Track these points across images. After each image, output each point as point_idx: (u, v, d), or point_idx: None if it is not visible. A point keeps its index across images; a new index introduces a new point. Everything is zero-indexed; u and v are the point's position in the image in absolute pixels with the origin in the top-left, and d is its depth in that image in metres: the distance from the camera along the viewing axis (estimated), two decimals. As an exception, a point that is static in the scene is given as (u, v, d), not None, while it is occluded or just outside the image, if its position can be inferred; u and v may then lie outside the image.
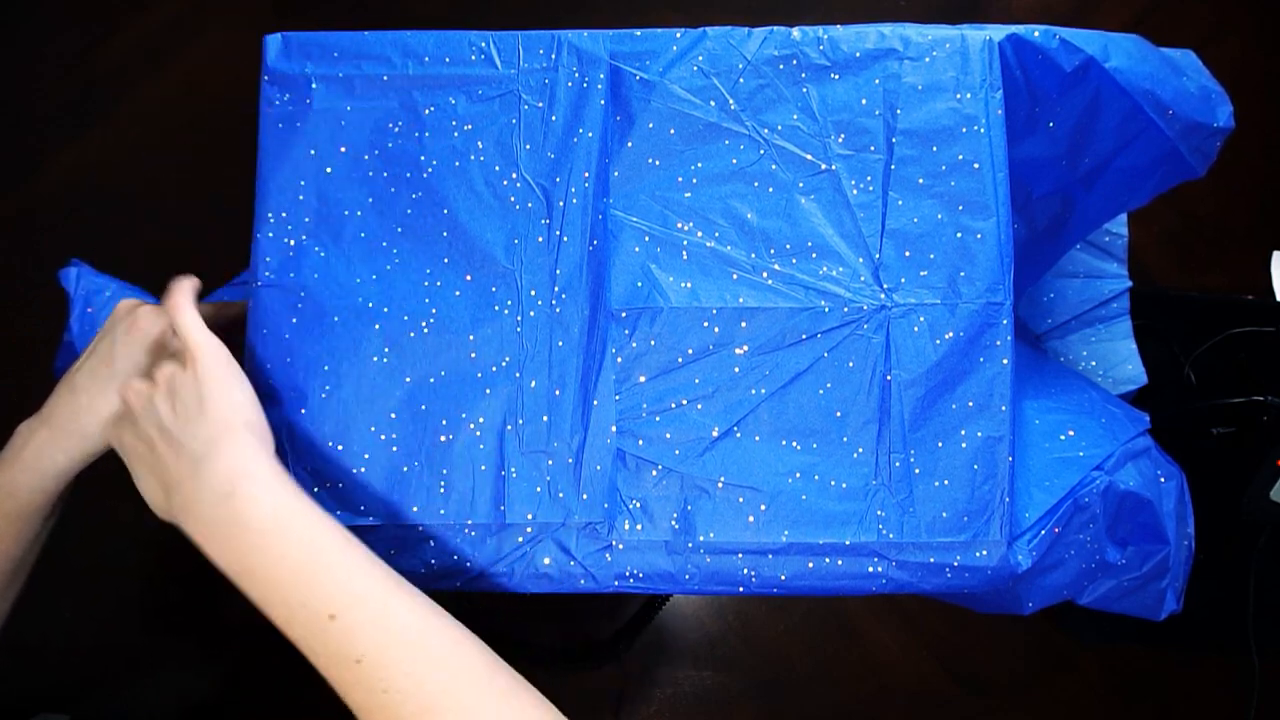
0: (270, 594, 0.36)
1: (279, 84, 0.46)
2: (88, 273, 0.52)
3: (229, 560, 0.36)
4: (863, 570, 0.44)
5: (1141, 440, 0.50)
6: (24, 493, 0.44)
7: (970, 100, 0.45)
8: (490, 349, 0.45)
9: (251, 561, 0.36)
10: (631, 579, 0.45)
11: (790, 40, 0.45)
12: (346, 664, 0.34)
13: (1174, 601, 0.50)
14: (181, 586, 0.87)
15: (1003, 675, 0.80)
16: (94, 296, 0.51)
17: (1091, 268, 0.74)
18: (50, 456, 0.44)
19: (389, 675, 0.34)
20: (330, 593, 0.35)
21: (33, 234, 0.86)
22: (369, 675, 0.34)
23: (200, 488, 0.37)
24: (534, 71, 0.45)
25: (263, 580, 0.36)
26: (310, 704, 0.92)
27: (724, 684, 0.77)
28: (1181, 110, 0.48)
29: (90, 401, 0.44)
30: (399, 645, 0.35)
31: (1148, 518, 0.48)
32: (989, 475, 0.44)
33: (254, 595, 0.36)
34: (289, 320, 0.45)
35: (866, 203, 0.45)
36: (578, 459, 0.44)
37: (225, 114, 0.76)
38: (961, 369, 0.44)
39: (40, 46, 0.86)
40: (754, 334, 0.44)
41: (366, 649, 0.34)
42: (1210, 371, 0.78)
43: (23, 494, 0.44)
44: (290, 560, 0.36)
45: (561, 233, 0.45)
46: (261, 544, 0.36)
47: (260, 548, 0.36)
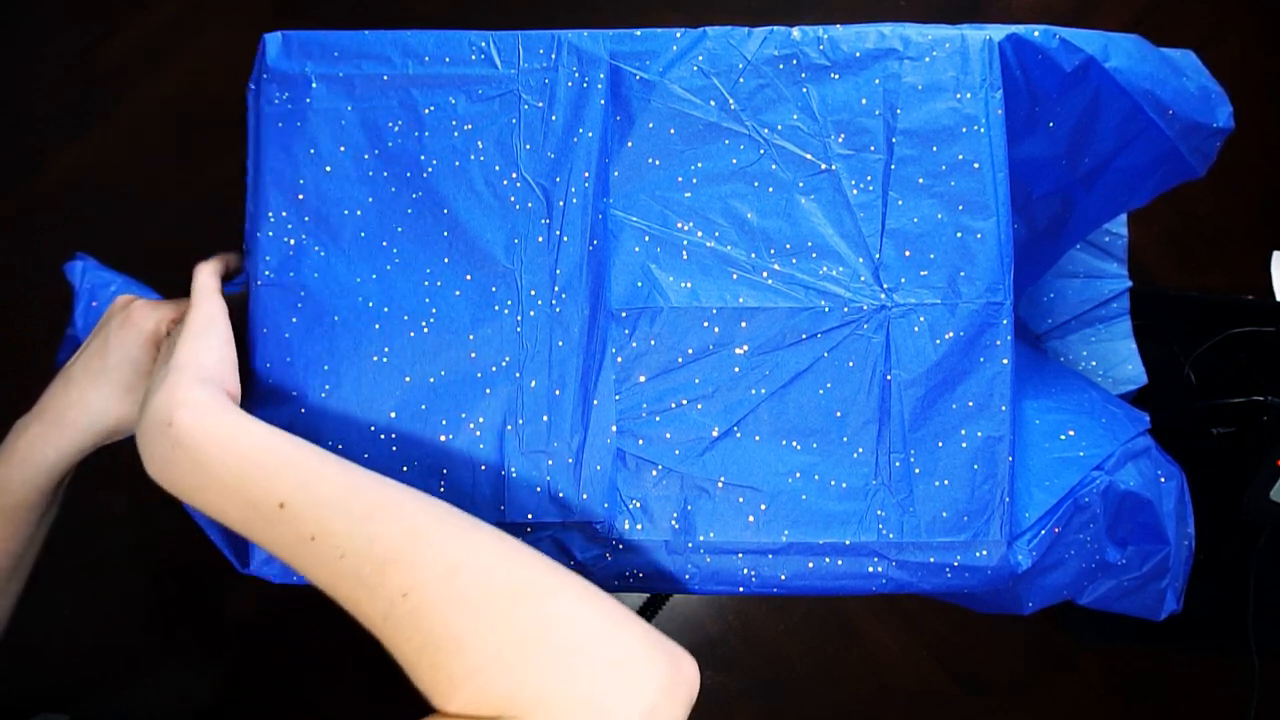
0: (226, 503, 0.36)
1: (279, 83, 0.46)
2: (93, 267, 0.52)
3: (180, 484, 0.37)
4: (863, 570, 0.44)
5: (1141, 440, 0.50)
6: (16, 487, 0.44)
7: (970, 100, 0.45)
8: (490, 349, 0.45)
9: (198, 479, 0.36)
10: (631, 579, 0.45)
11: (790, 40, 0.45)
12: (302, 544, 0.34)
13: (1174, 601, 0.50)
14: (181, 586, 0.87)
15: (1003, 675, 0.80)
16: (99, 291, 0.51)
17: (1091, 268, 0.74)
18: (41, 451, 0.44)
19: (341, 539, 0.34)
20: (276, 483, 0.36)
21: (33, 234, 0.86)
22: (323, 547, 0.34)
23: (146, 422, 0.38)
24: (534, 71, 0.45)
25: (214, 494, 0.36)
26: (310, 703, 0.92)
27: (724, 684, 0.77)
28: (1181, 110, 0.48)
29: (82, 395, 0.44)
30: (344, 511, 0.35)
31: (1148, 518, 0.48)
32: (989, 475, 0.44)
33: (214, 511, 0.37)
34: (289, 320, 0.45)
35: (866, 202, 0.45)
36: (578, 459, 0.44)
37: (225, 114, 0.76)
38: (961, 369, 0.44)
39: (40, 46, 0.87)
40: (754, 334, 0.44)
41: (316, 523, 0.34)
42: (1210, 371, 0.78)
43: (15, 489, 0.44)
44: (232, 469, 0.36)
45: (561, 233, 0.45)
46: (204, 461, 0.36)
47: (203, 464, 0.36)
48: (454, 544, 0.34)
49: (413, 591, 0.32)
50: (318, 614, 0.81)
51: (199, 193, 0.85)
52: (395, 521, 0.35)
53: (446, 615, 0.32)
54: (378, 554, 0.33)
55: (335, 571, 0.34)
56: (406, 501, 0.36)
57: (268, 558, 0.45)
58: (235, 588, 0.61)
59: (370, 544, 0.34)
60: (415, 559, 0.33)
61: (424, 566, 0.33)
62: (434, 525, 0.35)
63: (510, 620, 0.31)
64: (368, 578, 0.33)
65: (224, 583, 0.78)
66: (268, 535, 0.36)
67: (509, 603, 0.32)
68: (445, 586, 0.32)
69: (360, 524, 0.34)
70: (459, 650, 0.31)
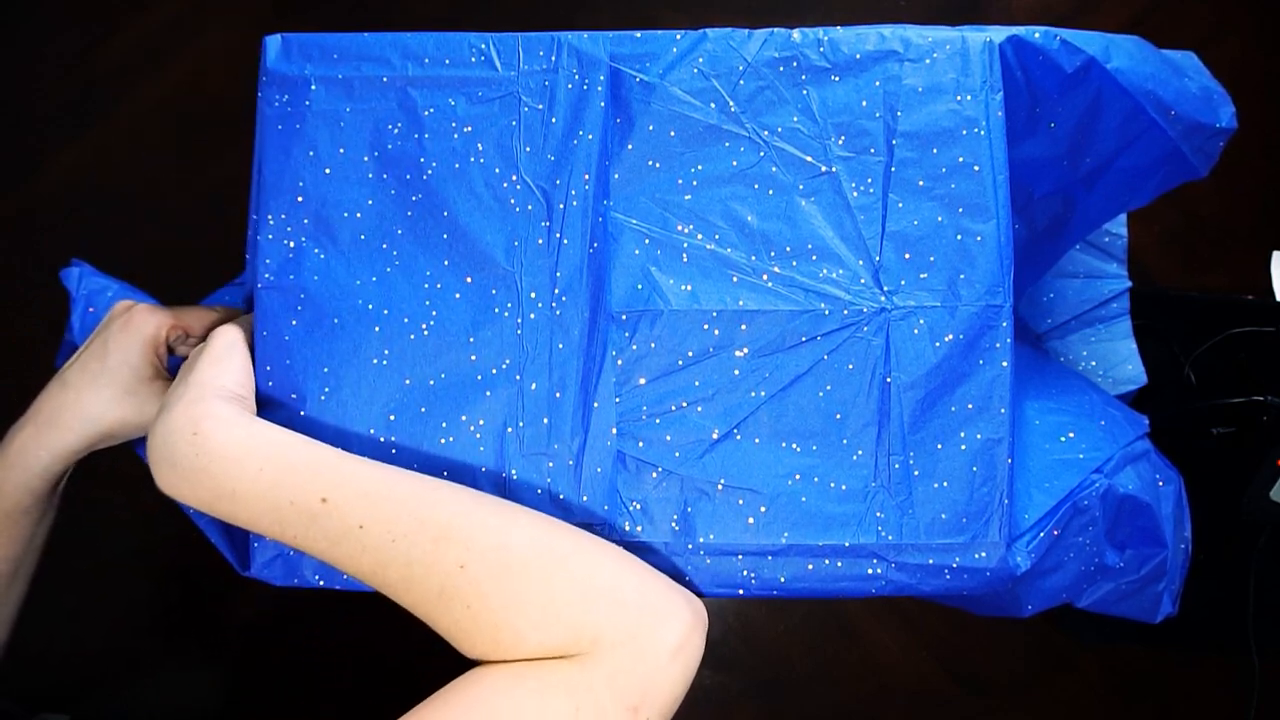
0: (258, 507, 0.37)
1: (278, 85, 0.45)
2: (90, 272, 0.52)
3: (209, 491, 0.38)
4: (862, 572, 0.44)
5: (1141, 444, 0.50)
6: (10, 490, 0.44)
7: (970, 102, 0.45)
8: (490, 351, 0.45)
9: (230, 485, 0.37)
10: (631, 581, 0.45)
11: (790, 42, 0.45)
12: (349, 535, 0.36)
13: (1170, 605, 0.50)
14: (182, 588, 0.87)
15: (1003, 675, 0.80)
16: (96, 297, 0.51)
17: (1091, 268, 0.74)
18: (34, 453, 0.44)
19: (392, 523, 0.36)
20: (315, 481, 0.37)
21: (33, 234, 0.86)
22: (374, 533, 0.36)
23: (165, 432, 0.39)
24: (534, 73, 0.45)
25: (247, 497, 0.37)
26: (310, 704, 0.92)
27: (724, 684, 0.78)
28: (1184, 110, 0.48)
29: (78, 397, 0.44)
30: (392, 498, 0.37)
31: (1146, 521, 0.48)
32: (988, 477, 0.44)
33: (243, 517, 0.38)
34: (288, 322, 0.45)
35: (866, 205, 0.45)
36: (578, 461, 0.44)
37: (225, 114, 0.76)
38: (961, 371, 0.44)
39: (40, 46, 0.86)
40: (754, 336, 0.44)
41: (364, 511, 0.37)
42: (1210, 371, 0.78)
43: (9, 492, 0.44)
44: (268, 470, 0.38)
45: (562, 235, 0.45)
46: (236, 465, 0.38)
47: (236, 468, 0.37)
48: (497, 518, 0.38)
49: (469, 563, 0.36)
50: (318, 615, 0.81)
51: (199, 193, 0.85)
52: (439, 504, 0.38)
53: (504, 581, 0.35)
54: (432, 532, 0.36)
55: (386, 556, 0.36)
56: (442, 486, 0.39)
57: (268, 560, 0.45)
58: (236, 590, 0.61)
59: (421, 525, 0.36)
60: (467, 534, 0.36)
61: (476, 540, 0.36)
62: (474, 504, 0.38)
63: (565, 579, 0.36)
64: (421, 556, 0.36)
65: (224, 585, 0.78)
66: (308, 531, 0.37)
67: (558, 564, 0.36)
68: (499, 555, 0.36)
69: (408, 509, 0.37)
70: (521, 609, 0.35)
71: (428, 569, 0.36)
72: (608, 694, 0.34)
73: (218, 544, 0.48)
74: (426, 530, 0.36)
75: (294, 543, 0.37)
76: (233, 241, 0.51)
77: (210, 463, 0.38)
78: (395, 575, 0.36)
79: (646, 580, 0.37)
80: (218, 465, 0.38)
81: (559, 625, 0.35)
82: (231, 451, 0.38)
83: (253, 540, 0.45)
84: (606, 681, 0.34)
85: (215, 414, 0.39)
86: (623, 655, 0.34)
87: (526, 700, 0.33)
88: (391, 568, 0.36)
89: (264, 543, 0.45)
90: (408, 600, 0.37)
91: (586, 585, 0.36)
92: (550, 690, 0.33)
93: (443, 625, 0.36)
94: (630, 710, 0.34)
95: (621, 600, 0.36)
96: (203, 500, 0.38)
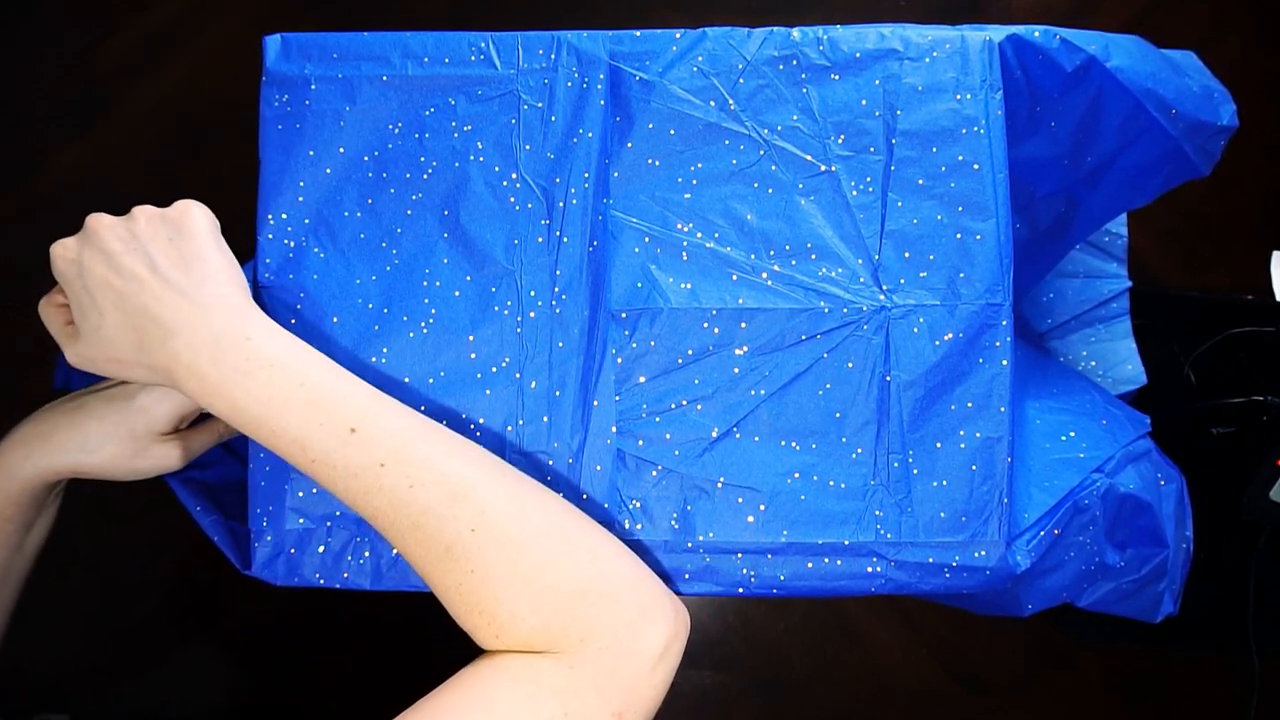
0: (288, 422, 0.37)
1: (278, 85, 0.46)
2: None
3: (244, 398, 0.37)
4: (861, 570, 0.44)
5: (1142, 443, 0.50)
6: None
7: (970, 101, 0.45)
8: (490, 350, 0.45)
9: (269, 393, 0.37)
10: (631, 579, 0.45)
11: (790, 41, 0.45)
12: (369, 470, 0.36)
13: (1171, 604, 0.50)
14: (182, 587, 0.87)
15: (1003, 675, 0.80)
16: None
17: (1091, 268, 0.74)
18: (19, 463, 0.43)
19: (414, 470, 0.36)
20: (348, 409, 0.37)
21: (33, 234, 0.86)
22: (393, 473, 0.36)
23: (216, 335, 0.37)
24: (533, 72, 0.45)
25: (279, 410, 0.37)
26: (310, 703, 0.92)
27: (724, 684, 0.78)
28: (1185, 109, 0.48)
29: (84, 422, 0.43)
30: (418, 443, 0.37)
31: (1147, 521, 0.48)
32: (987, 476, 0.44)
33: (267, 429, 0.37)
34: (288, 321, 0.45)
35: (866, 204, 0.45)
36: (578, 459, 0.44)
37: (225, 114, 0.76)
38: (961, 370, 0.44)
39: (40, 46, 0.87)
40: (753, 335, 0.44)
41: (390, 450, 0.37)
42: (1210, 371, 0.78)
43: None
44: (307, 387, 0.37)
45: (561, 233, 0.45)
46: (282, 374, 0.37)
47: (280, 377, 0.37)
48: (519, 490, 0.38)
49: (481, 529, 0.36)
50: (318, 614, 0.81)
51: (199, 193, 0.84)
52: (466, 461, 0.38)
53: (512, 556, 0.36)
54: (451, 488, 0.36)
55: (400, 499, 0.36)
56: (471, 447, 0.39)
57: (269, 559, 0.45)
58: (236, 588, 0.61)
59: (444, 479, 0.36)
60: (485, 498, 0.36)
61: (493, 506, 0.36)
62: (498, 472, 0.38)
63: (569, 566, 0.36)
64: (435, 508, 0.36)
65: (225, 583, 0.77)
66: (329, 457, 0.37)
67: (567, 550, 0.37)
68: (512, 527, 0.36)
69: (433, 458, 0.37)
70: (522, 587, 0.35)
71: (439, 523, 0.36)
72: (596, 698, 0.34)
73: (219, 543, 0.48)
74: (446, 484, 0.36)
75: (310, 467, 0.37)
76: (233, 241, 0.51)
77: (257, 368, 0.37)
78: (405, 522, 0.36)
79: (642, 580, 0.38)
80: (263, 373, 0.37)
81: (555, 614, 0.35)
82: (280, 360, 0.37)
83: (254, 540, 0.45)
84: (594, 686, 0.34)
85: (262, 321, 0.39)
86: (610, 659, 0.35)
87: (521, 705, 0.34)
88: (403, 513, 0.36)
89: (265, 542, 0.45)
90: (412, 552, 0.37)
91: (588, 577, 0.36)
92: (542, 694, 0.34)
93: (441, 585, 0.36)
94: (615, 716, 0.34)
95: (616, 598, 0.36)
96: (234, 405, 0.37)
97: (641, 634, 0.36)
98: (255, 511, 0.45)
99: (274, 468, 0.45)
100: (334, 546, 0.45)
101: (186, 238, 0.39)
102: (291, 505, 0.45)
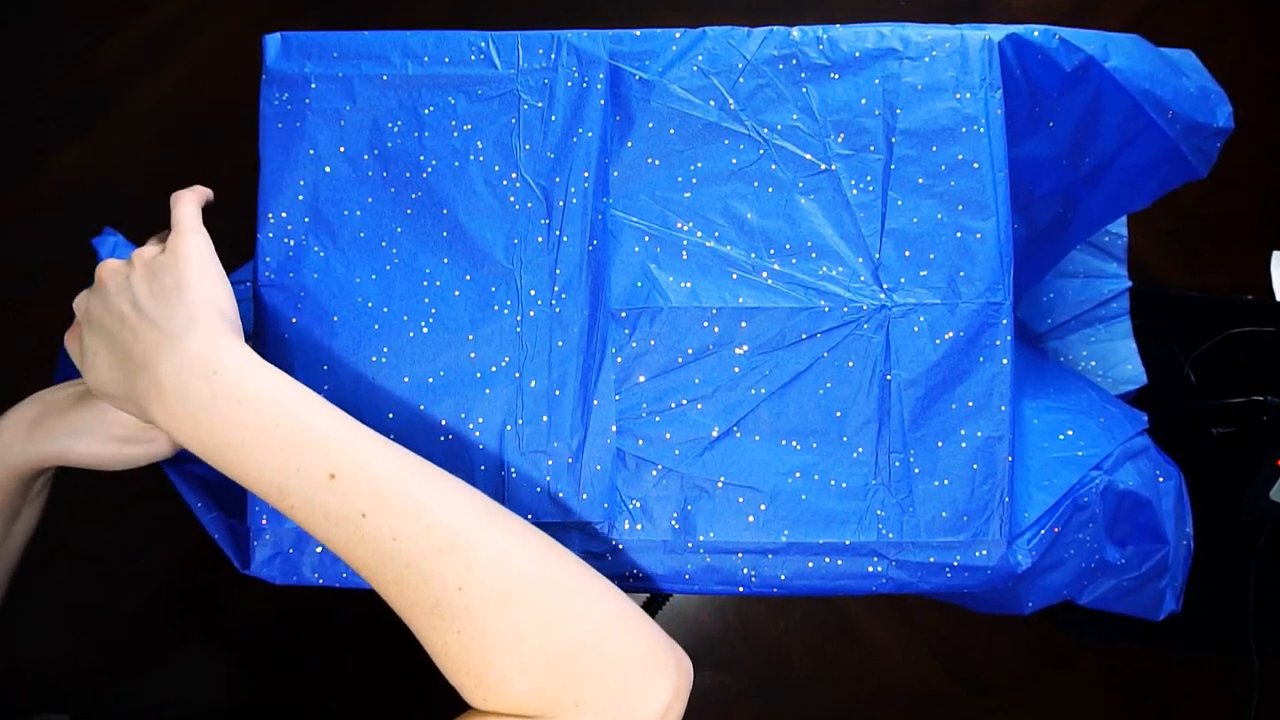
0: (262, 464, 0.35)
1: (278, 84, 0.46)
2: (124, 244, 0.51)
3: (212, 436, 0.35)
4: (862, 570, 0.44)
5: (1140, 440, 0.50)
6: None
7: (970, 100, 0.45)
8: (490, 349, 0.45)
9: (240, 435, 0.35)
10: (631, 579, 0.45)
11: (790, 40, 0.45)
12: (350, 520, 0.34)
13: (1173, 601, 0.50)
14: (182, 586, 0.87)
15: (1003, 675, 0.80)
16: None
17: (1091, 268, 0.74)
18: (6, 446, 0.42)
19: (397, 522, 0.34)
20: (328, 453, 0.35)
21: (33, 234, 0.86)
22: (376, 525, 0.34)
23: (180, 365, 0.36)
24: (533, 71, 0.45)
25: (253, 452, 0.35)
26: (310, 702, 0.92)
27: (724, 684, 0.77)
28: (1182, 110, 0.48)
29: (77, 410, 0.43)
30: (402, 493, 0.35)
31: (1147, 517, 0.48)
32: (988, 475, 0.44)
33: (241, 471, 0.35)
34: (288, 320, 0.45)
35: (866, 202, 0.45)
36: (578, 459, 0.44)
37: (225, 114, 0.76)
38: (961, 369, 0.44)
39: (40, 46, 0.87)
40: (754, 334, 0.44)
41: (372, 500, 0.34)
42: (1210, 371, 0.78)
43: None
44: (283, 428, 0.35)
45: (561, 233, 0.45)
46: (251, 415, 0.35)
47: (249, 420, 0.35)
48: (510, 539, 0.35)
49: (468, 587, 0.33)
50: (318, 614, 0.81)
51: (199, 193, 0.84)
52: (454, 508, 0.35)
53: (501, 614, 0.33)
54: (436, 541, 0.34)
55: (384, 552, 0.34)
56: (460, 486, 0.37)
57: (268, 558, 0.45)
58: (236, 587, 0.61)
59: (428, 531, 0.34)
60: (473, 551, 0.34)
61: (481, 561, 0.34)
62: (489, 518, 0.36)
63: (562, 622, 0.33)
64: (420, 563, 0.34)
65: (224, 583, 0.77)
66: (308, 505, 0.35)
67: (562, 601, 0.34)
68: (501, 584, 0.34)
69: (419, 506, 0.35)
70: (512, 649, 0.33)
71: (425, 579, 0.34)
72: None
73: (219, 541, 0.48)
74: (432, 538, 0.34)
75: (289, 512, 0.35)
76: (233, 241, 0.51)
77: (225, 405, 0.35)
78: (389, 576, 0.34)
79: (642, 633, 0.35)
80: (232, 410, 0.35)
81: (548, 677, 0.33)
82: (251, 399, 0.35)
83: (253, 538, 0.45)
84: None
85: (237, 352, 0.36)
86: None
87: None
88: (387, 567, 0.34)
89: (264, 540, 0.45)
90: (398, 605, 0.35)
91: (583, 632, 0.34)
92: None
93: (429, 641, 0.34)
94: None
95: (614, 657, 0.34)
96: (204, 444, 0.35)
97: (641, 695, 0.33)
98: (254, 509, 0.45)
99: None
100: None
101: (169, 268, 0.38)
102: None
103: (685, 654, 0.36)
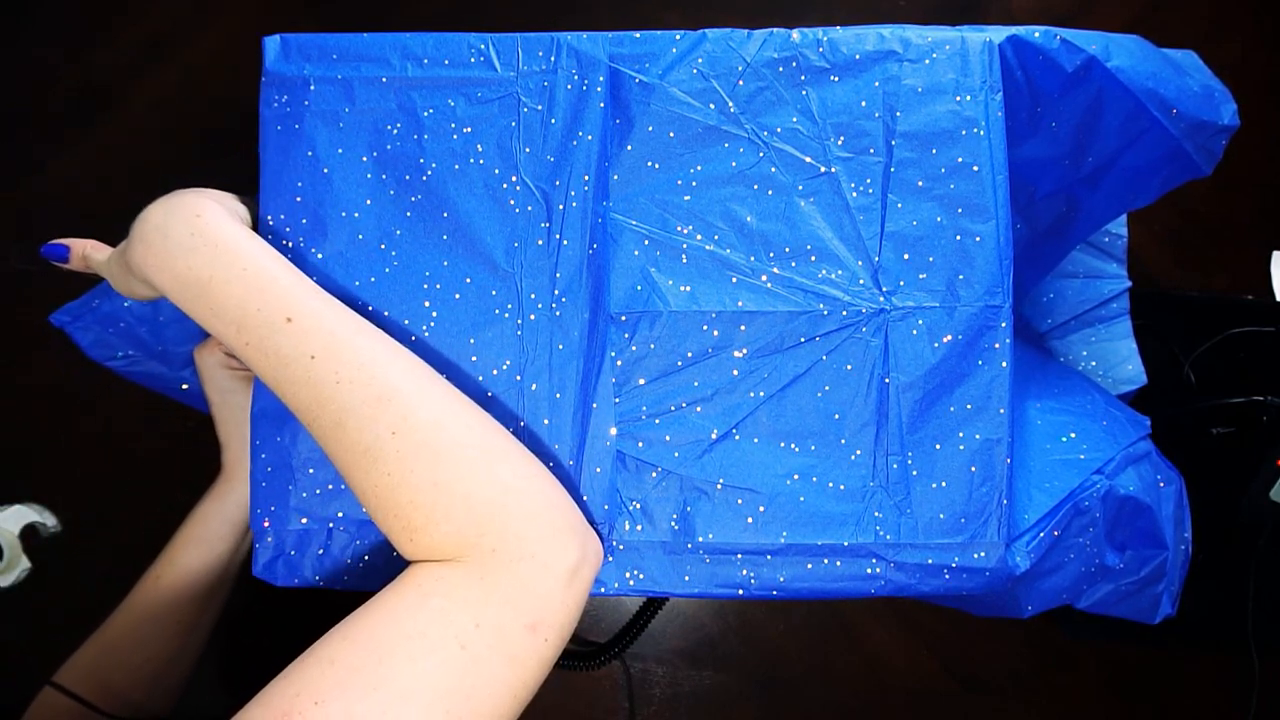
0: (226, 301, 0.38)
1: (277, 86, 0.46)
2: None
3: (187, 272, 0.39)
4: (861, 572, 0.44)
5: (1142, 444, 0.50)
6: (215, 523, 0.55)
7: (970, 102, 0.45)
8: (490, 352, 0.45)
9: (209, 271, 0.38)
10: (631, 580, 0.45)
11: (790, 42, 0.45)
12: (299, 361, 0.37)
13: (1169, 605, 0.50)
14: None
15: (1003, 674, 0.80)
16: None
17: (1091, 268, 0.74)
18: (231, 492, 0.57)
19: (342, 366, 0.37)
20: (287, 300, 0.38)
21: (33, 234, 0.86)
22: (322, 368, 0.37)
23: (170, 208, 0.40)
24: (533, 74, 0.45)
25: (221, 289, 0.38)
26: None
27: (724, 684, 0.78)
28: (1186, 109, 0.47)
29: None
30: (351, 343, 0.38)
31: (1146, 522, 0.48)
32: (987, 477, 0.44)
33: (204, 306, 0.39)
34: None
35: (866, 205, 0.45)
36: (578, 461, 0.44)
37: (226, 114, 0.75)
38: (960, 371, 0.44)
39: (40, 46, 0.86)
40: (753, 337, 0.44)
41: (323, 345, 0.37)
42: (1210, 371, 0.78)
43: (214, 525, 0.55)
44: (251, 273, 0.38)
45: (561, 236, 0.45)
46: (222, 257, 0.39)
47: (223, 258, 0.39)
48: (446, 402, 0.38)
49: (401, 433, 0.36)
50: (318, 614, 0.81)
51: (199, 193, 0.84)
52: (398, 367, 0.38)
53: (430, 461, 0.36)
54: (376, 390, 0.37)
55: (325, 394, 0.37)
56: (407, 354, 0.40)
57: (269, 560, 0.45)
58: (237, 587, 0.61)
59: (371, 380, 0.37)
60: (410, 404, 0.37)
61: (416, 414, 0.37)
62: (427, 381, 0.39)
63: (486, 477, 0.37)
64: (358, 408, 0.37)
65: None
66: (262, 342, 0.38)
67: (486, 461, 0.37)
68: (432, 435, 0.37)
69: (366, 358, 0.38)
70: (437, 494, 0.36)
71: (361, 423, 0.36)
72: (509, 610, 0.34)
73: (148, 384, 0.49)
74: (373, 386, 0.37)
75: (243, 351, 0.38)
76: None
77: (201, 245, 0.39)
78: (328, 419, 0.37)
79: (557, 503, 0.38)
80: (208, 250, 0.38)
81: (468, 522, 0.36)
82: (225, 243, 0.39)
83: (255, 540, 0.45)
84: (506, 598, 0.35)
85: (220, 210, 0.40)
86: (522, 571, 0.35)
87: (432, 618, 0.34)
88: (327, 409, 0.37)
89: (266, 543, 0.45)
90: (333, 450, 0.37)
91: (504, 490, 0.37)
92: (453, 606, 0.34)
93: (361, 486, 0.37)
94: (529, 629, 0.35)
95: (530, 514, 0.37)
96: (176, 279, 0.39)
97: (553, 550, 0.36)
98: (256, 512, 0.45)
99: (276, 468, 0.45)
100: (334, 549, 0.45)
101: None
102: (295, 505, 0.45)
103: (599, 541, 0.40)
